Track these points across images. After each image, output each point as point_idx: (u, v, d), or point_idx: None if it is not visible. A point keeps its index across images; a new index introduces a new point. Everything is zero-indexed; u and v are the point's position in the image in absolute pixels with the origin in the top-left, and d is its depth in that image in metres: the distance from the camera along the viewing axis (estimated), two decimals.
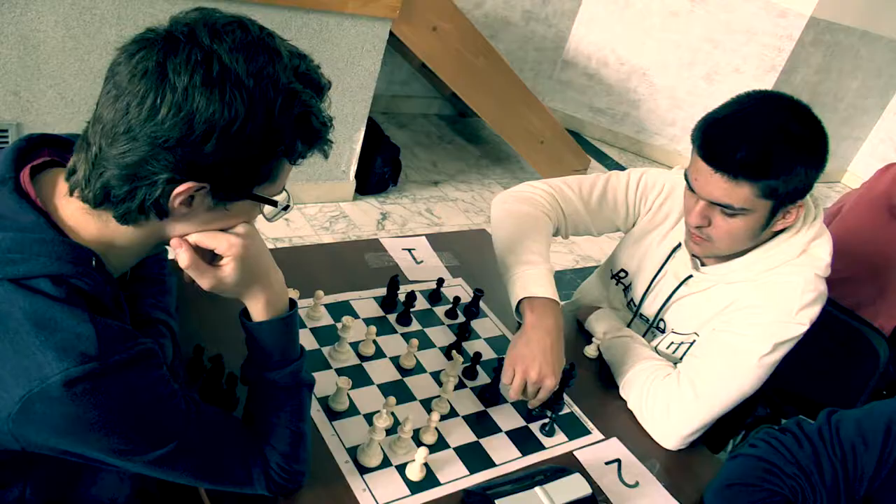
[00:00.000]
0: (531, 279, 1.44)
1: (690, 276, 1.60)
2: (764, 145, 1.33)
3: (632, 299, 1.76)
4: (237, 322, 1.07)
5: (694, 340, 1.61)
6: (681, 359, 1.62)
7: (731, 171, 1.34)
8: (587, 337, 1.73)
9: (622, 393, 1.57)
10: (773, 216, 1.41)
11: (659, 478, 1.39)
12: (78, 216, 0.90)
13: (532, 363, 1.34)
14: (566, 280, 3.78)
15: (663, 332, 1.68)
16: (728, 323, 1.50)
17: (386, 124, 4.90)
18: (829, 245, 1.50)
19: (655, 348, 1.66)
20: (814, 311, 1.46)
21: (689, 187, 1.44)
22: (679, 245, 1.64)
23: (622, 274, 1.80)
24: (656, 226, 1.70)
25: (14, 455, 0.89)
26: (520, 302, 1.44)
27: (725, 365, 1.46)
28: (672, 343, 1.65)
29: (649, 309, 1.71)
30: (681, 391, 1.48)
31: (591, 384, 1.60)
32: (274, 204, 0.96)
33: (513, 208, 1.62)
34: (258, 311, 1.04)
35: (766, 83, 5.30)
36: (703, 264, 1.60)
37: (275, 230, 3.41)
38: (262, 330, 1.04)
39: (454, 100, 5.21)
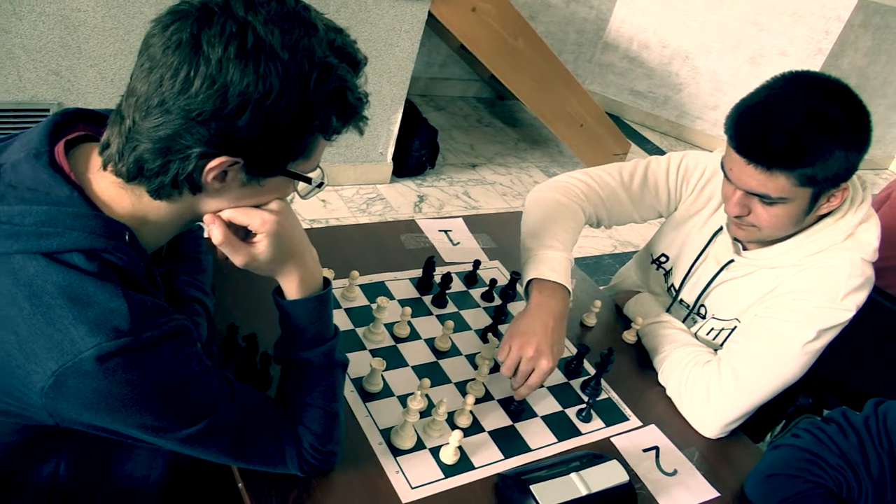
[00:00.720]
0: (546, 262, 1.42)
1: (732, 261, 1.56)
2: (796, 133, 1.27)
3: (672, 284, 1.73)
4: (271, 301, 1.06)
5: (735, 327, 1.57)
6: (721, 346, 1.58)
7: (764, 162, 1.30)
8: (626, 322, 1.71)
9: (661, 379, 1.54)
10: (815, 201, 1.37)
11: (698, 466, 1.37)
12: (111, 190, 0.89)
13: (530, 339, 1.31)
14: (604, 265, 3.74)
15: (704, 317, 1.65)
16: (771, 309, 1.46)
17: (424, 107, 4.88)
18: (876, 229, 1.45)
19: (695, 334, 1.63)
20: (860, 297, 1.41)
21: (726, 177, 1.40)
22: (721, 229, 1.60)
23: (663, 258, 1.77)
24: (698, 210, 1.67)
25: (48, 430, 0.89)
26: (529, 283, 1.41)
27: (768, 351, 1.42)
28: (713, 329, 1.61)
29: (690, 294, 1.67)
30: (721, 378, 1.44)
31: (629, 370, 1.58)
32: (308, 181, 0.95)
33: (545, 196, 1.60)
34: (292, 289, 1.03)
35: (813, 66, 5.18)
36: (745, 248, 1.56)
37: (311, 211, 3.41)
38: (295, 308, 1.03)
39: (493, 82, 5.17)
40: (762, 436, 2.06)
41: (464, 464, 1.23)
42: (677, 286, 1.71)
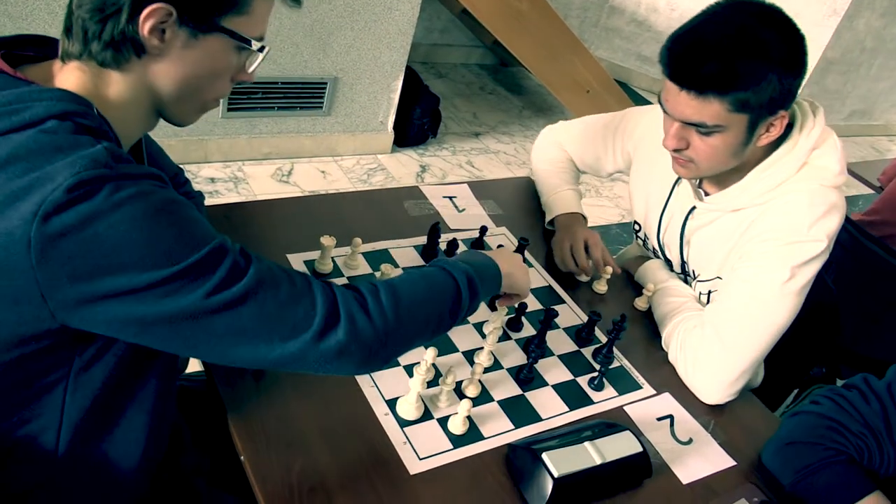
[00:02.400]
0: (557, 203, 1.78)
1: (694, 207, 1.55)
2: (727, 55, 1.25)
3: (653, 249, 1.73)
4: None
5: None
6: None
7: (696, 87, 1.28)
8: (638, 289, 1.69)
9: (664, 346, 1.54)
10: (753, 131, 1.34)
11: (713, 435, 1.36)
12: (70, 78, 0.92)
13: (574, 235, 1.66)
14: (612, 234, 3.72)
15: (695, 279, 1.64)
16: (742, 258, 1.44)
17: (425, 74, 4.84)
18: (835, 152, 1.41)
19: (699, 299, 1.62)
20: (829, 225, 1.38)
21: (664, 109, 1.38)
22: (679, 179, 1.59)
23: (637, 227, 1.79)
24: (654, 165, 1.66)
25: (50, 349, 0.87)
26: (552, 222, 1.76)
27: (746, 303, 1.40)
28: (700, 293, 1.61)
29: (672, 255, 1.67)
30: (705, 342, 1.43)
31: (642, 337, 1.57)
32: (246, 42, 0.95)
33: (540, 167, 1.91)
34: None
35: (827, 28, 5.12)
36: (706, 194, 1.54)
37: (310, 182, 3.39)
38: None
39: (496, 48, 5.12)
40: (779, 404, 2.05)
41: (473, 434, 1.22)
42: (660, 251, 1.70)
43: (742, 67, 1.26)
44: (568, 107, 4.47)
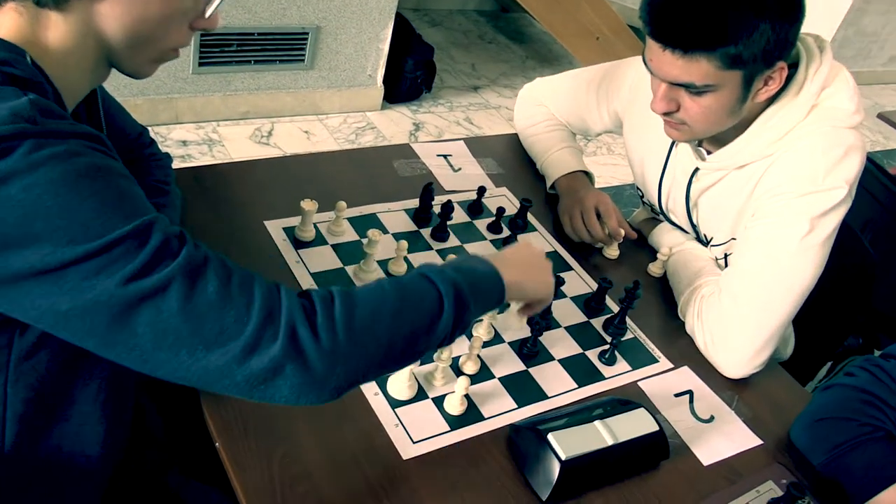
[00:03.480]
0: (555, 163, 1.77)
1: (697, 169, 1.53)
2: (712, 7, 1.23)
3: (663, 214, 1.72)
4: (251, 246, 1.03)
5: None
6: None
7: (681, 45, 1.26)
8: (652, 253, 1.69)
9: (680, 315, 1.53)
10: (749, 86, 1.32)
11: (737, 412, 1.35)
12: (5, 21, 0.87)
13: (583, 200, 1.64)
14: (626, 196, 3.71)
15: (707, 244, 1.63)
16: (756, 216, 1.43)
17: (417, 22, 4.80)
18: (847, 88, 1.38)
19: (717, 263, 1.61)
20: (848, 169, 1.36)
21: (649, 69, 1.36)
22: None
23: (639, 193, 1.77)
24: (647, 126, 1.63)
25: None
26: (553, 186, 1.75)
27: (763, 263, 1.39)
28: (717, 257, 1.60)
29: (680, 220, 1.66)
30: (722, 310, 1.42)
31: (657, 306, 1.56)
32: None
33: (528, 133, 1.90)
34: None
35: None
36: (708, 153, 1.53)
37: (292, 145, 3.38)
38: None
39: None
40: (810, 377, 2.05)
41: (472, 414, 1.22)
42: (668, 216, 1.69)
43: (728, 20, 1.22)
44: (576, 55, 4.43)
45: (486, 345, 1.34)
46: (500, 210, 1.61)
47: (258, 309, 0.83)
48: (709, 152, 1.53)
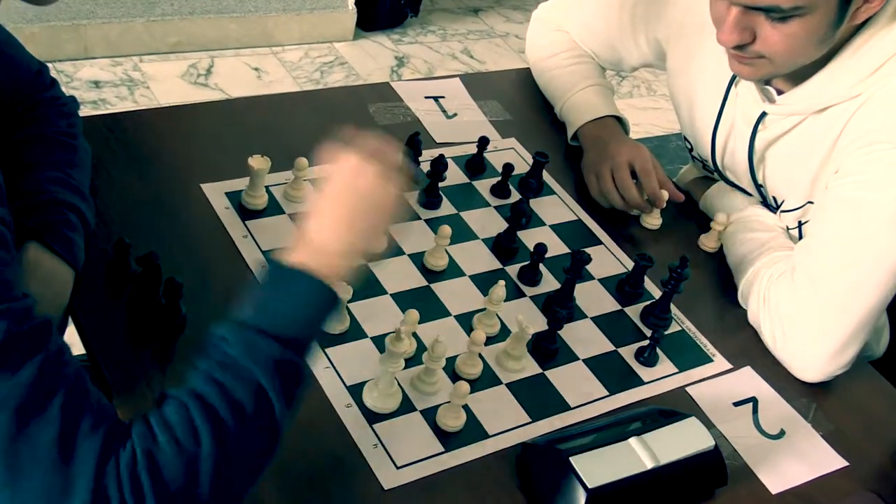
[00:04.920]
0: (578, 107, 1.77)
1: (764, 115, 1.54)
2: None
3: (718, 173, 1.73)
4: (174, 209, 1.02)
5: None
6: None
7: None
8: (704, 221, 1.70)
9: (741, 301, 1.54)
10: (846, 7, 1.32)
11: (816, 425, 1.36)
12: None
13: (614, 156, 1.63)
14: (671, 148, 3.72)
15: (775, 210, 1.63)
16: (839, 171, 1.44)
17: None
18: None
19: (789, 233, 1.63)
20: None
21: None
22: (735, 76, 1.57)
23: (688, 145, 1.78)
24: (697, 59, 1.65)
25: None
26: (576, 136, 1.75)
27: (850, 235, 1.40)
28: (789, 226, 1.60)
29: (741, 180, 1.67)
30: (797, 295, 1.43)
31: (710, 289, 1.57)
32: None
33: (543, 64, 1.91)
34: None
35: None
36: (779, 92, 1.53)
37: (238, 85, 3.38)
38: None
39: None
40: None
41: (472, 430, 1.22)
42: (724, 172, 1.70)
43: None
44: None
45: (490, 341, 1.34)
46: (508, 168, 1.61)
47: (85, 484, 0.81)
48: (780, 92, 1.53)
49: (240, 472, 0.90)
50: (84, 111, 1.37)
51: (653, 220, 1.66)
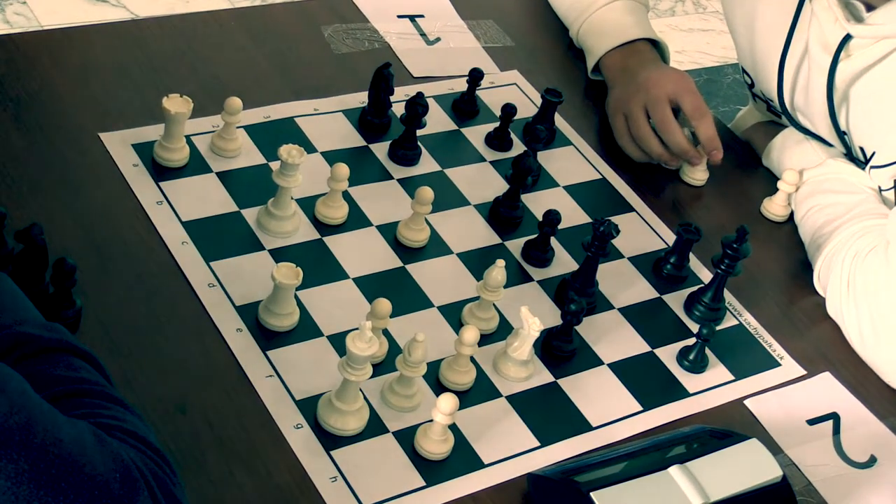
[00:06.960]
0: (601, 27, 1.76)
1: (848, 38, 1.55)
2: None
3: (787, 116, 1.74)
4: (63, 166, 1.03)
5: None
6: None
7: None
8: (769, 181, 1.71)
9: (817, 286, 1.56)
10: None
11: None
12: None
13: (649, 90, 1.62)
14: (725, 84, 3.74)
15: (864, 164, 1.64)
16: None
17: None
18: None
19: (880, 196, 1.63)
20: None
21: None
22: None
23: (748, 80, 1.81)
24: None
25: None
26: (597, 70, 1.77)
27: None
28: (881, 187, 1.61)
29: (817, 125, 1.68)
30: (890, 274, 1.44)
31: (778, 271, 1.59)
32: None
33: None
34: None
35: None
36: (868, 8, 1.54)
37: (151, 2, 3.37)
38: None
39: None
40: None
41: (462, 458, 1.23)
42: (795, 116, 1.72)
43: None
44: None
45: (485, 340, 1.34)
46: (509, 110, 1.61)
47: None
48: (869, 7, 1.54)
49: None
50: None
51: (699, 176, 1.67)
